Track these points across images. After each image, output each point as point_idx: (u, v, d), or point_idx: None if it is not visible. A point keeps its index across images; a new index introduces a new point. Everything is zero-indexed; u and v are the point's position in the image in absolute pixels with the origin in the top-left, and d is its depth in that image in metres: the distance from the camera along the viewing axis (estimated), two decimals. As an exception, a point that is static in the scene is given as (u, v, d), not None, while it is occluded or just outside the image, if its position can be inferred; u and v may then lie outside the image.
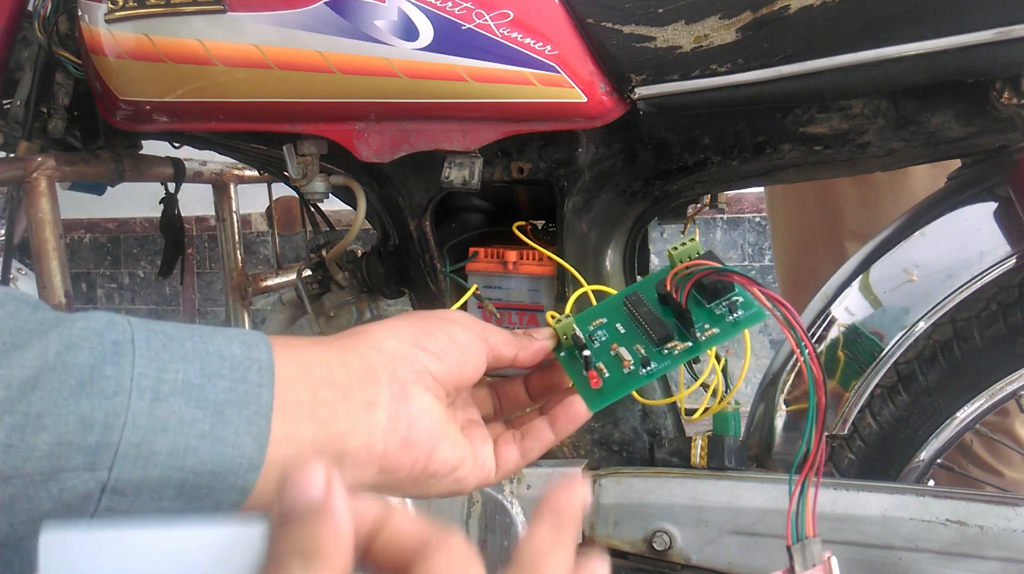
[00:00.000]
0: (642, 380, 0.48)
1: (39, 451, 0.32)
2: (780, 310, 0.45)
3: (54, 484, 0.32)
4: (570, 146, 0.73)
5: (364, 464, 0.40)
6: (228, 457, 0.35)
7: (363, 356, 0.41)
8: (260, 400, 0.37)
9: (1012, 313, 0.69)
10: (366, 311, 0.88)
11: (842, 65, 0.59)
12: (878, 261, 0.73)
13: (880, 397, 0.73)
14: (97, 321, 0.35)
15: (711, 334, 0.48)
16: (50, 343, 0.33)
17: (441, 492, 0.44)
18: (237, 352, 0.37)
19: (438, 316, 0.46)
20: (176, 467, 0.34)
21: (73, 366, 0.33)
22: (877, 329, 0.72)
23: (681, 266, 0.48)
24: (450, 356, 0.44)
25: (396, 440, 0.41)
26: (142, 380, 0.34)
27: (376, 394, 0.41)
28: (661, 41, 0.64)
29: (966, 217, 0.70)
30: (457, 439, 0.44)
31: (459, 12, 0.66)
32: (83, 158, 0.86)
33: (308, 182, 0.77)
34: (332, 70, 0.69)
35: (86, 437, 0.32)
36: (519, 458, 0.48)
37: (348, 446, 0.39)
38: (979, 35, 0.56)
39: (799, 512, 0.45)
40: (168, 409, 0.34)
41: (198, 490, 0.35)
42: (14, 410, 0.32)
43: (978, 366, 0.70)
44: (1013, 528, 0.60)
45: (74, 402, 0.33)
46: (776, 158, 0.71)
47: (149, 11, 0.72)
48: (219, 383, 0.36)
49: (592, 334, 0.51)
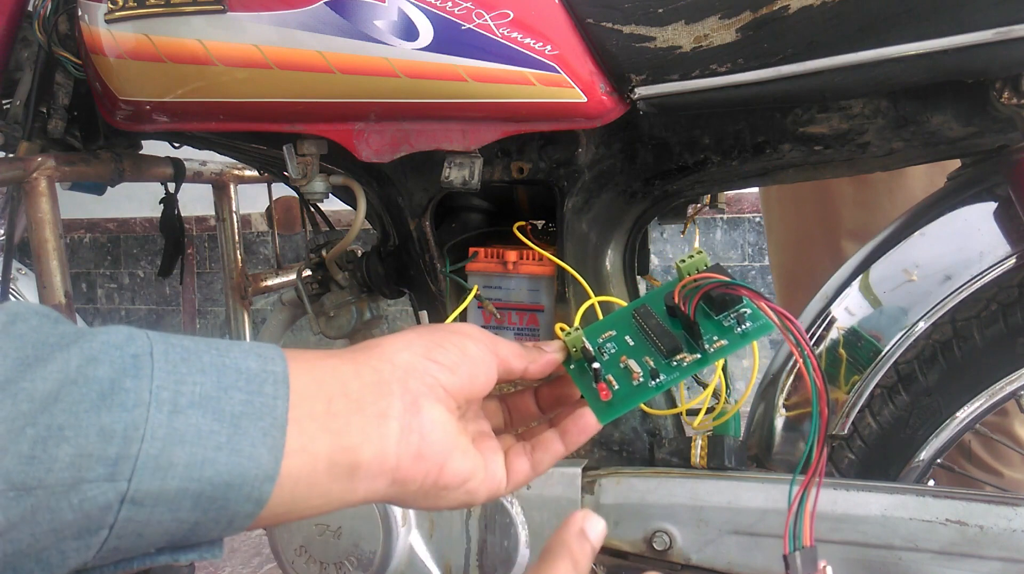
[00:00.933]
0: (651, 392, 0.49)
1: (60, 463, 0.32)
2: (787, 324, 0.46)
3: (75, 495, 0.33)
4: (570, 146, 0.73)
5: (377, 476, 0.41)
6: (244, 468, 0.36)
7: (376, 369, 0.42)
8: (275, 412, 0.37)
9: (1012, 313, 0.69)
10: (366, 311, 0.88)
11: (842, 65, 0.59)
12: (878, 261, 0.73)
13: (880, 397, 0.73)
14: (117, 335, 0.36)
15: (719, 346, 0.48)
16: (71, 357, 0.34)
17: (452, 504, 0.45)
18: (253, 365, 0.38)
19: (449, 329, 0.47)
20: (194, 478, 0.35)
21: (94, 379, 0.34)
22: (876, 330, 0.72)
23: (689, 279, 0.49)
24: (461, 369, 0.45)
25: (408, 452, 0.42)
26: (161, 393, 0.35)
27: (388, 406, 0.41)
28: (661, 41, 0.64)
29: (966, 217, 0.70)
30: (468, 451, 0.45)
31: (459, 12, 0.66)
32: (83, 158, 0.86)
33: (308, 182, 0.77)
34: (332, 70, 0.69)
35: (106, 449, 0.33)
36: (529, 470, 0.49)
37: (361, 458, 0.40)
38: (979, 35, 0.56)
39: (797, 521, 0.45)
40: (186, 421, 0.35)
41: (214, 501, 0.36)
42: (36, 422, 0.32)
43: (978, 366, 0.70)
44: (1013, 528, 0.60)
45: (95, 414, 0.33)
46: (776, 158, 0.71)
47: (149, 11, 0.72)
48: (235, 395, 0.37)
49: (602, 346, 0.51)
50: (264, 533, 0.94)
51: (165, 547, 0.37)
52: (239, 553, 1.93)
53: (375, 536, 0.74)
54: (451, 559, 0.74)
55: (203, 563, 1.71)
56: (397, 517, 0.74)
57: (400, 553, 0.74)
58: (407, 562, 0.74)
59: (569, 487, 0.71)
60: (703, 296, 0.48)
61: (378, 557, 0.74)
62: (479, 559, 0.74)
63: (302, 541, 0.76)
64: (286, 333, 0.97)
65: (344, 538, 0.75)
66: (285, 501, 0.38)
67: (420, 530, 0.75)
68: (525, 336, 0.78)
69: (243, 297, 1.10)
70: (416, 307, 0.85)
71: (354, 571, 0.74)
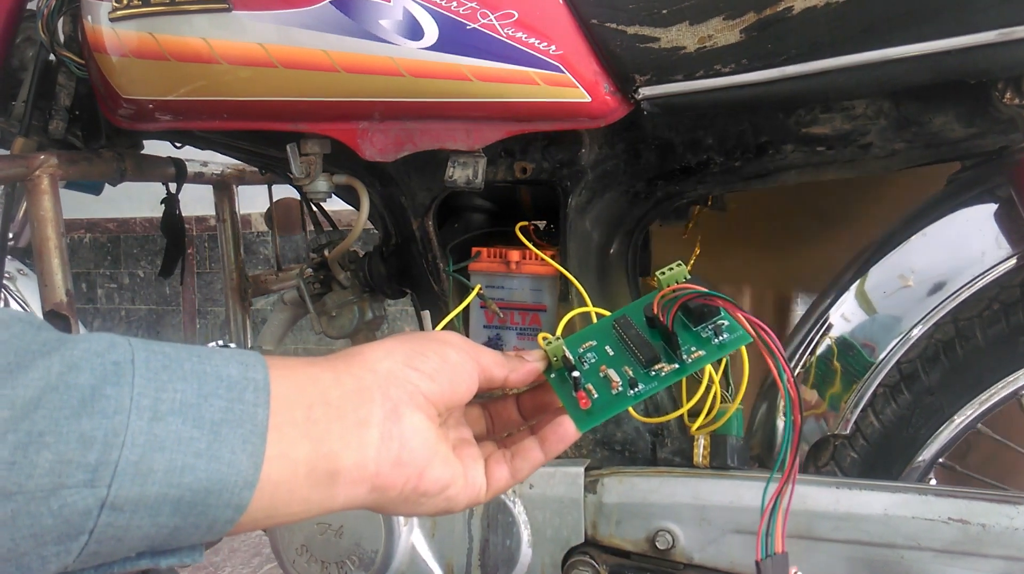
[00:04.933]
0: (630, 401, 0.50)
1: (41, 468, 0.33)
2: (762, 335, 0.47)
3: (55, 500, 0.33)
4: (574, 146, 0.73)
5: (357, 483, 0.41)
6: (224, 475, 0.36)
7: (357, 376, 0.43)
8: (256, 419, 0.38)
9: (1014, 312, 0.69)
10: (368, 311, 0.88)
11: (845, 66, 0.60)
12: (876, 264, 0.74)
13: (883, 396, 0.73)
14: (99, 342, 0.36)
15: (697, 356, 0.50)
16: (53, 364, 0.34)
17: (432, 510, 0.46)
18: (234, 372, 0.38)
19: (430, 337, 0.48)
20: (173, 484, 0.35)
21: (75, 386, 0.34)
22: (873, 336, 0.72)
23: (668, 289, 0.51)
24: (442, 376, 0.45)
25: (388, 459, 0.42)
26: (141, 400, 0.35)
27: (369, 414, 0.42)
28: (665, 42, 0.64)
29: (967, 218, 0.70)
30: (448, 458, 0.45)
31: (464, 12, 0.66)
32: (86, 157, 0.86)
33: (311, 181, 0.78)
34: (337, 69, 0.69)
35: (86, 455, 0.33)
36: (509, 477, 0.49)
37: (341, 465, 0.40)
38: (981, 36, 0.56)
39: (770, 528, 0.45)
40: (166, 428, 0.35)
41: (194, 507, 0.36)
42: (18, 428, 0.33)
43: (980, 366, 0.71)
44: (1015, 526, 0.60)
45: (75, 421, 0.34)
46: (779, 159, 0.71)
47: (153, 9, 0.73)
48: (216, 403, 0.37)
49: (582, 356, 0.52)
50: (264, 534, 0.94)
51: (145, 552, 0.37)
52: (239, 553, 1.93)
53: (377, 535, 0.73)
54: (453, 558, 0.74)
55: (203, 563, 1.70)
56: (399, 516, 0.74)
57: (402, 552, 0.74)
58: (409, 561, 0.74)
59: (572, 487, 0.71)
60: (682, 308, 0.49)
61: (380, 556, 0.73)
62: (481, 558, 0.74)
63: (303, 540, 0.76)
64: (287, 333, 0.97)
65: (346, 537, 0.74)
66: (265, 507, 0.38)
67: (422, 529, 0.75)
68: (528, 335, 0.78)
69: (243, 298, 1.10)
70: (418, 307, 0.85)
71: (356, 570, 0.74)
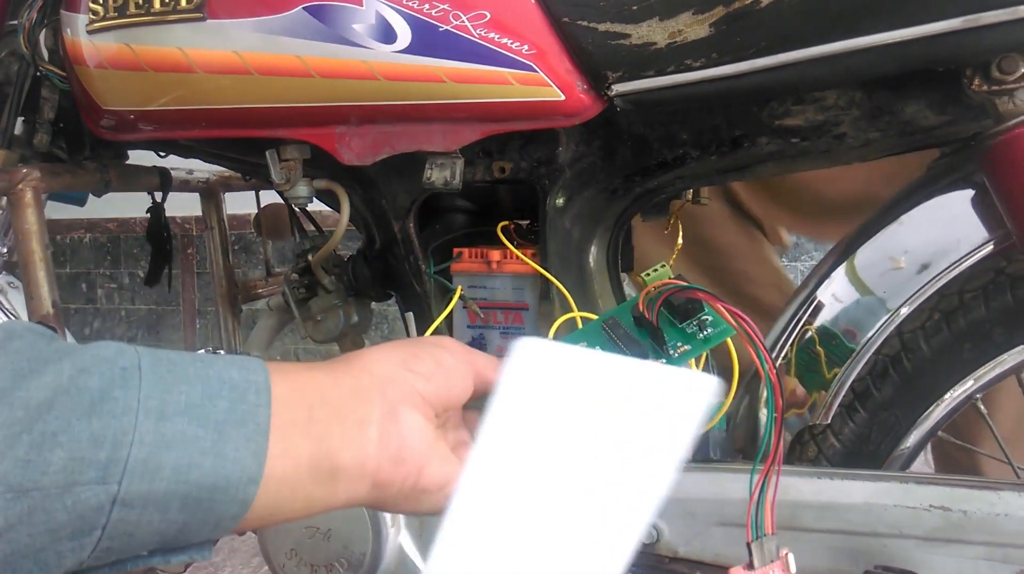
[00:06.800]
0: None
1: (54, 466, 0.35)
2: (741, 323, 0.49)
3: (68, 497, 0.35)
4: (550, 145, 0.74)
5: (357, 479, 0.43)
6: (229, 471, 0.38)
7: (355, 378, 0.45)
8: (258, 419, 0.39)
9: (994, 297, 0.69)
10: (353, 314, 0.88)
11: (813, 57, 0.60)
12: (862, 247, 0.74)
13: (864, 384, 0.73)
14: (107, 349, 0.38)
15: (683, 350, 0.52)
16: (64, 368, 0.36)
17: (431, 508, 0.47)
18: (236, 375, 0.40)
19: (425, 341, 0.50)
20: (181, 481, 0.37)
21: (85, 389, 0.36)
22: (858, 320, 0.72)
23: (652, 286, 0.53)
24: (437, 378, 0.47)
25: (387, 456, 0.43)
26: (148, 401, 0.37)
27: (368, 413, 0.43)
28: (636, 38, 0.64)
29: (943, 204, 0.70)
30: (447, 456, 0.46)
31: (436, 14, 0.67)
32: (69, 169, 0.87)
33: (292, 187, 0.78)
34: (312, 74, 0.69)
35: (97, 453, 0.35)
36: None
37: (341, 462, 0.42)
38: (947, 23, 0.56)
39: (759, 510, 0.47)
40: (173, 427, 0.37)
41: (201, 502, 0.37)
42: (32, 429, 0.35)
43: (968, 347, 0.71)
44: (996, 512, 0.61)
45: (86, 421, 0.36)
46: (754, 151, 0.71)
47: (130, 20, 0.73)
48: (220, 403, 0.39)
49: None
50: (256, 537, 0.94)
51: (156, 549, 0.38)
52: (239, 553, 1.94)
53: (365, 537, 0.74)
54: (441, 558, 0.75)
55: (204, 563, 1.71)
56: (386, 518, 0.74)
57: (390, 554, 0.74)
58: (397, 562, 0.75)
59: (557, 483, 0.72)
60: (667, 306, 0.52)
61: (368, 558, 0.74)
62: (469, 558, 0.74)
63: (293, 544, 0.76)
64: (274, 338, 0.97)
65: (334, 540, 0.75)
66: (269, 503, 0.40)
67: (409, 530, 0.75)
68: (511, 334, 0.78)
69: (233, 304, 1.10)
70: (403, 309, 0.86)
71: (345, 572, 0.75)
